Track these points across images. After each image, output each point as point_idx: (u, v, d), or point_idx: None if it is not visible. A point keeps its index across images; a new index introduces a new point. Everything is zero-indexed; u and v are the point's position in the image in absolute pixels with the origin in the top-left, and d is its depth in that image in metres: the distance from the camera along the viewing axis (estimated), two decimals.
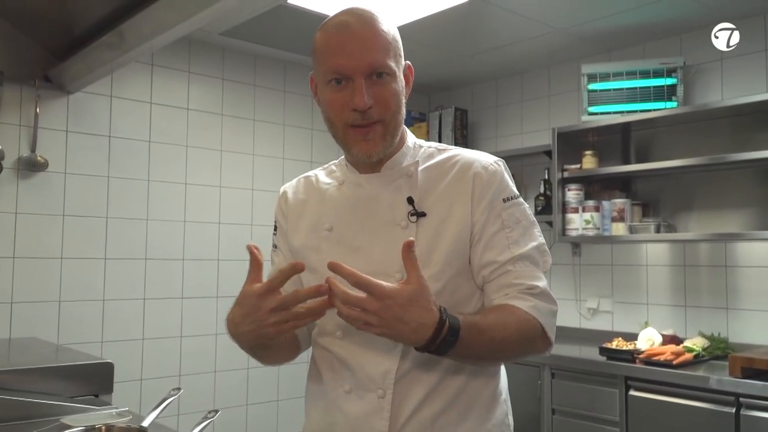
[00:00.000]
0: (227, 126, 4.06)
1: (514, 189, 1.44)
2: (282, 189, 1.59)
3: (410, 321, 1.15)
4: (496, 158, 1.45)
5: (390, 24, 1.37)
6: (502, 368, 1.49)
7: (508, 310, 1.32)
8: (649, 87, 3.62)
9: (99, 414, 1.83)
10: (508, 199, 1.40)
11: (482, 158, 1.43)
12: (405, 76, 1.40)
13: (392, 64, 1.32)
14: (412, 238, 1.18)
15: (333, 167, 1.54)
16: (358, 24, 1.32)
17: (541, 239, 1.42)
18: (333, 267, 1.17)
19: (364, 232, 1.40)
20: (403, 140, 1.45)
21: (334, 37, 1.32)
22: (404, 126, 1.48)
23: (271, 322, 1.20)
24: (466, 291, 1.39)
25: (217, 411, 1.49)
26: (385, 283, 1.15)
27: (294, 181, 1.59)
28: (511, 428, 1.47)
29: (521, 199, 1.44)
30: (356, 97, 1.29)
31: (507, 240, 1.37)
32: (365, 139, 1.34)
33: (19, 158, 3.31)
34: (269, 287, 1.19)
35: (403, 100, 1.38)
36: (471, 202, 1.37)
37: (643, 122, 3.66)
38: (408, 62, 1.41)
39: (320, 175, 1.55)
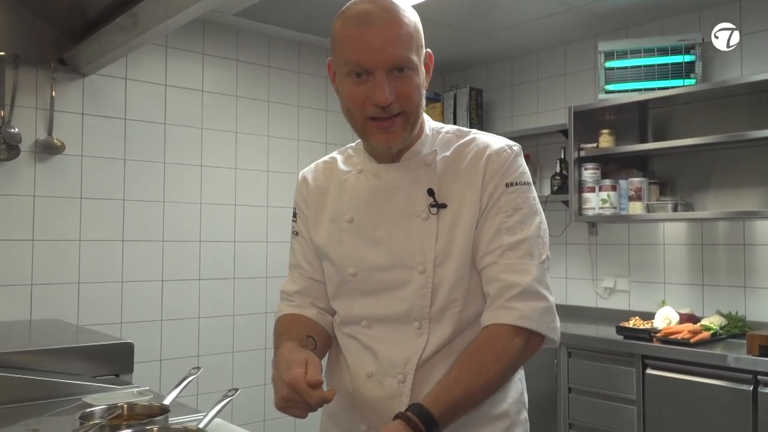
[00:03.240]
0: (242, 108, 4.06)
1: (525, 176, 1.39)
2: (301, 174, 1.57)
3: None
4: (512, 143, 1.42)
5: (412, 12, 1.33)
6: None
7: (483, 346, 1.28)
8: (667, 64, 3.57)
9: (120, 393, 1.85)
10: (511, 184, 1.36)
11: (497, 142, 1.41)
12: (425, 65, 1.36)
13: (414, 58, 1.29)
14: None
15: (350, 152, 1.52)
16: (380, 15, 1.27)
17: (541, 230, 1.36)
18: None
19: (384, 224, 1.39)
20: (422, 128, 1.43)
21: (355, 30, 1.27)
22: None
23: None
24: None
25: (236, 390, 1.50)
26: None
27: (312, 166, 1.57)
28: (526, 405, 1.48)
29: (529, 187, 1.39)
30: (378, 93, 1.26)
31: (500, 225, 1.33)
32: (386, 132, 1.32)
33: (36, 141, 3.33)
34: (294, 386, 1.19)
35: (424, 92, 1.35)
36: (481, 187, 1.36)
37: (660, 100, 3.62)
38: (429, 50, 1.38)
39: (338, 159, 1.53)
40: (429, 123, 1.47)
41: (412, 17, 1.32)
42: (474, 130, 1.47)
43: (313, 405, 1.18)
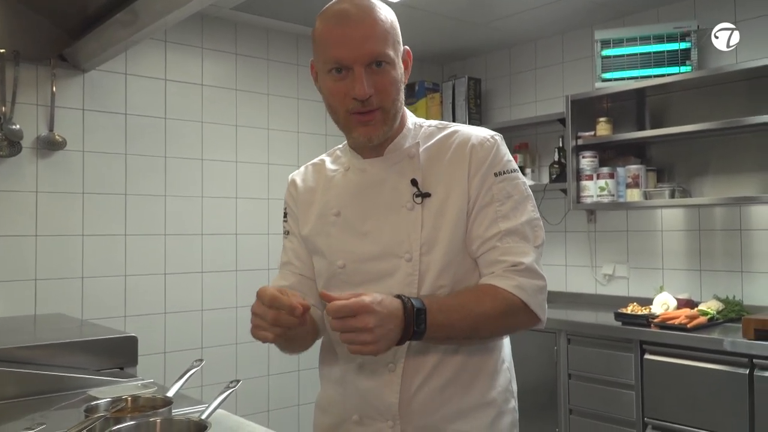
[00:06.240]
0: (241, 101, 4.08)
1: (511, 164, 1.45)
2: (290, 177, 1.63)
3: (385, 317, 1.22)
4: (493, 133, 1.47)
5: (388, 11, 1.39)
6: (506, 339, 1.53)
7: (485, 288, 1.36)
8: (663, 52, 3.59)
9: (125, 386, 1.89)
10: (500, 174, 1.41)
11: (479, 133, 1.46)
12: (404, 61, 1.42)
13: (391, 53, 1.35)
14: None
15: (338, 153, 1.58)
16: (357, 13, 1.34)
17: (534, 214, 1.43)
18: (323, 297, 1.26)
19: (371, 216, 1.44)
20: (403, 122, 1.48)
21: (334, 29, 1.34)
22: (404, 108, 1.50)
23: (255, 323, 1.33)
24: (469, 265, 1.42)
25: (238, 381, 1.53)
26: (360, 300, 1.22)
27: (302, 168, 1.63)
28: (515, 394, 1.52)
29: (517, 173, 1.45)
30: (356, 86, 1.32)
31: (496, 214, 1.39)
32: (366, 125, 1.37)
33: (38, 137, 3.36)
34: (274, 302, 1.27)
35: (402, 86, 1.41)
36: (468, 177, 1.40)
37: (657, 87, 3.63)
38: (407, 47, 1.44)
39: (327, 161, 1.59)
40: (411, 118, 1.52)
41: (388, 15, 1.38)
42: (455, 123, 1.52)
43: (291, 308, 1.25)
